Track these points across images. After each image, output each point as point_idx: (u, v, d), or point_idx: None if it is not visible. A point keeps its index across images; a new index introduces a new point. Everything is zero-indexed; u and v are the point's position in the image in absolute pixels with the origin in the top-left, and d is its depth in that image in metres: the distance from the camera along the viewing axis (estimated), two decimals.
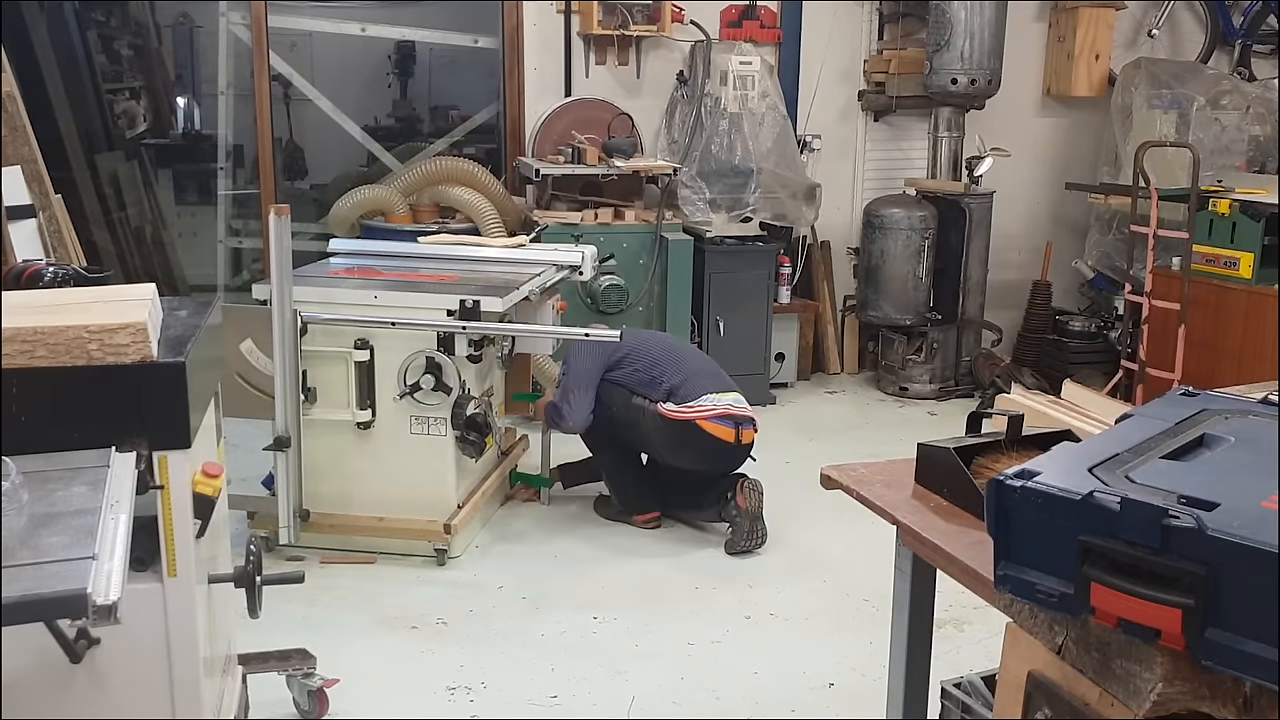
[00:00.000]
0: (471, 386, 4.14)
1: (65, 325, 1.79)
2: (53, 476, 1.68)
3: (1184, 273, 5.30)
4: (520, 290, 4.22)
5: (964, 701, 2.44)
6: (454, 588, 3.96)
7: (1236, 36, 6.99)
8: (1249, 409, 1.77)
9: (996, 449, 2.17)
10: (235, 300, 6.51)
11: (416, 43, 8.43)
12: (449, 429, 4.08)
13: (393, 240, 5.56)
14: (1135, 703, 1.43)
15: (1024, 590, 1.52)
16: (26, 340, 1.77)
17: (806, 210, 6.08)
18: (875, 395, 6.49)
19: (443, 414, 4.07)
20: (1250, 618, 1.31)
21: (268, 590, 3.74)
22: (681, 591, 3.98)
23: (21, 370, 1.76)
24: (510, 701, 3.25)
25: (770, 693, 3.32)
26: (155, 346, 1.87)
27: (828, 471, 2.27)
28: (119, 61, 7.96)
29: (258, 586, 2.45)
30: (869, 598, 3.85)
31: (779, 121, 6.11)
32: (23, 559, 1.43)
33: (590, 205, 5.80)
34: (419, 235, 5.08)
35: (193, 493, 2.01)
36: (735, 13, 6.38)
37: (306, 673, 3.15)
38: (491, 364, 4.45)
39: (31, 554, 1.44)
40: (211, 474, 2.06)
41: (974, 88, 6.14)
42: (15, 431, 1.75)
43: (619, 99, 6.22)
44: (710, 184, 5.91)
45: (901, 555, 2.16)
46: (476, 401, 4.11)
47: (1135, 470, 1.53)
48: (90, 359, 1.79)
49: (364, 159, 7.18)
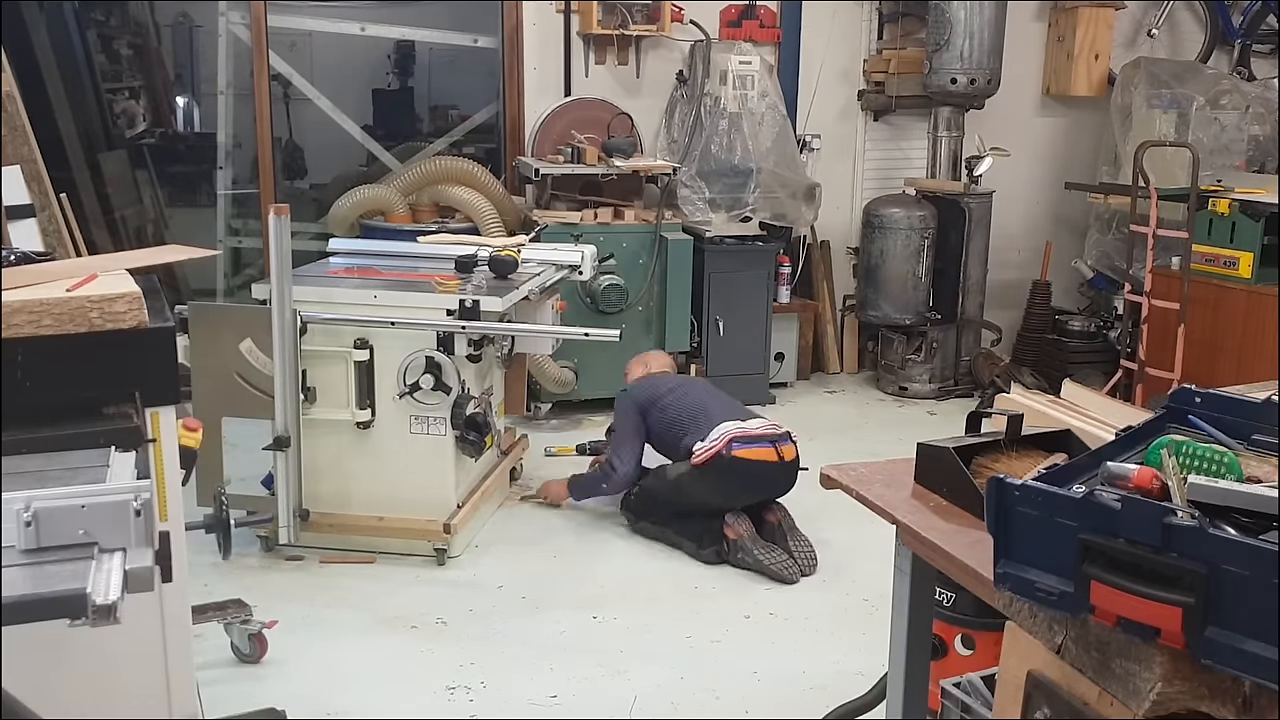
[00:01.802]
0: (471, 386, 4.15)
1: (69, 296, 1.95)
2: (52, 476, 1.69)
3: (1183, 272, 5.30)
4: (520, 290, 4.22)
5: (964, 701, 2.44)
6: (454, 588, 3.96)
7: (1236, 36, 6.99)
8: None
9: (996, 449, 2.17)
10: (235, 300, 6.54)
11: (416, 42, 8.43)
12: (448, 428, 4.08)
13: (393, 240, 5.58)
14: (1135, 702, 1.43)
15: (1024, 589, 1.52)
16: (34, 311, 1.92)
17: (806, 210, 6.08)
18: (875, 395, 6.49)
19: (442, 414, 4.07)
20: (1250, 617, 1.31)
21: (267, 590, 3.76)
22: (681, 591, 3.98)
23: (29, 339, 1.91)
24: (510, 701, 3.25)
25: (770, 693, 3.33)
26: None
27: (827, 471, 2.27)
28: (119, 61, 7.97)
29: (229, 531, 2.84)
30: (869, 598, 3.85)
31: (778, 121, 6.11)
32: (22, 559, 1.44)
33: (590, 205, 5.80)
34: (419, 235, 5.08)
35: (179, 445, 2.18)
36: (735, 12, 6.38)
37: (245, 619, 3.32)
38: (491, 363, 4.45)
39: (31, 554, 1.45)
40: (191, 428, 2.29)
41: (974, 87, 6.14)
42: (23, 396, 1.89)
43: (619, 99, 6.22)
44: (710, 184, 5.91)
45: (901, 555, 2.16)
46: (476, 401, 4.11)
47: None
48: (92, 326, 1.95)
49: (363, 159, 7.18)
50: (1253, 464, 1.68)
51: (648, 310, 5.81)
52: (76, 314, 1.95)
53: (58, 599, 1.36)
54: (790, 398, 6.29)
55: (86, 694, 2.03)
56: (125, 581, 1.40)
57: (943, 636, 2.69)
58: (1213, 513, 1.45)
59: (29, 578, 1.39)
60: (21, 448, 1.79)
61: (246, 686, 3.25)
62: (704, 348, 5.96)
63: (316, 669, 3.38)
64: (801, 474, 4.22)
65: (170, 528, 2.04)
